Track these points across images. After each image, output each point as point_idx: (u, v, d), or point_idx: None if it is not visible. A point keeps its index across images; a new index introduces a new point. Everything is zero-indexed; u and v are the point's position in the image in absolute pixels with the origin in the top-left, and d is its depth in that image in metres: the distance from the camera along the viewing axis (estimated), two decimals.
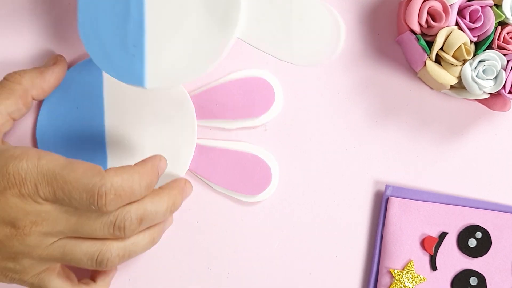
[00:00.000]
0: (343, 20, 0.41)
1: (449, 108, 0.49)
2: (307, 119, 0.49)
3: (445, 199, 0.49)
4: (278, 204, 0.49)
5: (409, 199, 0.48)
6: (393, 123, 0.49)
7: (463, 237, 0.48)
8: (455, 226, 0.48)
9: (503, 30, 0.44)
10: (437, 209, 0.48)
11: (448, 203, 0.49)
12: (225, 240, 0.48)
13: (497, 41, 0.44)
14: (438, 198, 0.49)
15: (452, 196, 0.49)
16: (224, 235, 0.48)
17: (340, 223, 0.49)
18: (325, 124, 0.49)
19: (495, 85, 0.44)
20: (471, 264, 0.48)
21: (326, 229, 0.49)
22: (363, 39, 0.49)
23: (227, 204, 0.48)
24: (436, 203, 0.48)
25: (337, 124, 0.49)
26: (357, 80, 0.49)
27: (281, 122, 0.49)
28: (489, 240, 0.48)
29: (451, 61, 0.44)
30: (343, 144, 0.49)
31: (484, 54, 0.44)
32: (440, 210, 0.48)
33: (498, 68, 0.44)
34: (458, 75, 0.45)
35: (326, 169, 0.49)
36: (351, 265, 0.49)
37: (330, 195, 0.49)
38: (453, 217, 0.48)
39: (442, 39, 0.44)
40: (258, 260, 0.48)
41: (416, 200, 0.48)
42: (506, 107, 0.45)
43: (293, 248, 0.49)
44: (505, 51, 0.44)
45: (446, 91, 0.47)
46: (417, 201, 0.48)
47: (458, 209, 0.48)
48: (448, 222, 0.48)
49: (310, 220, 0.49)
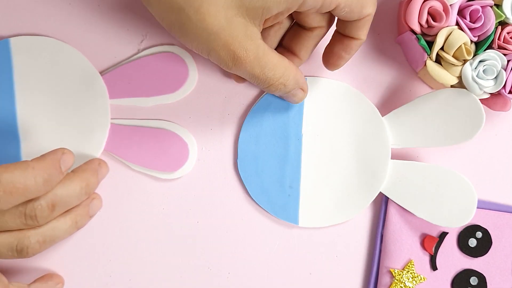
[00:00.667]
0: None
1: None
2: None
3: None
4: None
5: None
6: None
7: (463, 237, 0.48)
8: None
9: (503, 30, 0.44)
10: None
11: None
12: (225, 240, 0.48)
13: (497, 41, 0.44)
14: None
15: None
16: (222, 235, 0.48)
17: (339, 224, 0.49)
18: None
19: (496, 85, 0.44)
20: (472, 264, 0.48)
21: (326, 231, 0.49)
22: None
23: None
24: None
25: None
26: (357, 80, 0.49)
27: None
28: (490, 240, 0.48)
29: (451, 61, 0.44)
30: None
31: (485, 54, 0.44)
32: None
33: (499, 68, 0.44)
34: (459, 75, 0.45)
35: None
36: (351, 265, 0.49)
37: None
38: None
39: (443, 39, 0.44)
40: (258, 260, 0.48)
41: None
42: (507, 107, 0.45)
43: (293, 248, 0.49)
44: (506, 51, 0.44)
45: None
46: None
47: None
48: None
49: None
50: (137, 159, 0.47)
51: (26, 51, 0.47)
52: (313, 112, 0.48)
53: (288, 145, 0.47)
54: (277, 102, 0.47)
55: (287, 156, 0.47)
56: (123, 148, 0.47)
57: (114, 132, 0.48)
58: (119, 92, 0.48)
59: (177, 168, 0.48)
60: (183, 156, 0.48)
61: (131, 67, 0.48)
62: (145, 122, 0.48)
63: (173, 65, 0.48)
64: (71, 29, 0.48)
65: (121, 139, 0.48)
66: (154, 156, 0.47)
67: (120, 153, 0.48)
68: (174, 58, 0.48)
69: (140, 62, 0.48)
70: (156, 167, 0.47)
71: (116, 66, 0.48)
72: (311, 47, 0.45)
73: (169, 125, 0.48)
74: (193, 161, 0.48)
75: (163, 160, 0.47)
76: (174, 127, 0.48)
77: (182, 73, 0.48)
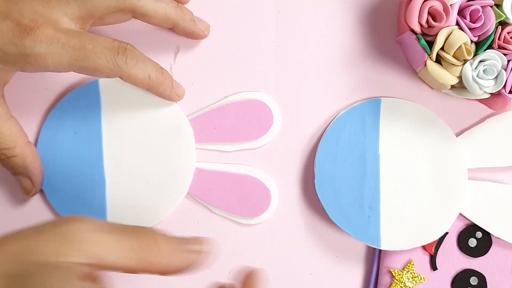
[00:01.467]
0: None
1: (450, 108, 0.49)
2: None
3: None
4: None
5: None
6: None
7: (463, 237, 0.48)
8: (455, 225, 0.48)
9: (503, 30, 0.44)
10: None
11: None
12: (225, 240, 0.48)
13: (497, 41, 0.44)
14: None
15: None
16: (222, 234, 0.49)
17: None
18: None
19: (496, 85, 0.44)
20: (472, 264, 0.48)
21: (326, 233, 0.49)
22: (363, 39, 0.49)
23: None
24: None
25: None
26: (357, 80, 0.49)
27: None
28: (490, 239, 0.48)
29: (451, 61, 0.44)
30: None
31: (485, 54, 0.44)
32: None
33: (499, 68, 0.44)
34: (459, 75, 0.45)
35: None
36: (351, 265, 0.49)
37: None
38: None
39: (443, 39, 0.44)
40: (258, 260, 0.48)
41: None
42: (507, 107, 0.45)
43: (293, 248, 0.49)
44: (506, 51, 0.44)
45: (447, 91, 0.47)
46: None
47: None
48: None
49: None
50: (219, 203, 0.48)
51: (113, 91, 0.47)
52: (389, 132, 0.48)
53: (365, 165, 0.47)
54: (352, 122, 0.48)
55: (364, 176, 0.47)
56: (206, 192, 0.48)
57: (199, 176, 0.48)
58: (204, 137, 0.48)
59: (259, 213, 0.48)
60: (265, 202, 0.48)
61: (216, 112, 0.48)
62: (228, 166, 0.48)
63: (259, 111, 0.48)
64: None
65: (205, 183, 0.48)
66: (236, 201, 0.48)
67: (202, 196, 0.48)
68: (260, 104, 0.48)
69: (226, 108, 0.48)
70: (237, 212, 0.48)
71: (201, 110, 0.48)
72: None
73: (251, 170, 0.48)
74: (274, 207, 0.48)
75: (245, 205, 0.48)
76: (257, 173, 0.48)
77: (267, 120, 0.48)
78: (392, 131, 0.48)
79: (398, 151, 0.48)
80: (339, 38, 0.49)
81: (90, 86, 0.48)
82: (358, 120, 0.48)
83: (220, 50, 0.49)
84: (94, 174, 0.47)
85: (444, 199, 0.47)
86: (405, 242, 0.47)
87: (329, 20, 0.49)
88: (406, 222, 0.47)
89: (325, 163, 0.48)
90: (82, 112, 0.48)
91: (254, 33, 0.49)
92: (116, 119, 0.48)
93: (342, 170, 0.47)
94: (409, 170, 0.47)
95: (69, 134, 0.48)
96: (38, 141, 0.48)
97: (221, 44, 0.49)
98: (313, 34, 0.49)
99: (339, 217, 0.47)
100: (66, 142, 0.48)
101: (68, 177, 0.47)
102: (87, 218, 0.35)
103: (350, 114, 0.48)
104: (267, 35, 0.49)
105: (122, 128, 0.48)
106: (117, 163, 0.48)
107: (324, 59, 0.49)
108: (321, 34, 0.49)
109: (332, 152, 0.48)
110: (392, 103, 0.48)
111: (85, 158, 0.47)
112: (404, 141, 0.48)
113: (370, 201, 0.47)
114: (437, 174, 0.47)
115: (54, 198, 0.48)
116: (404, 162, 0.48)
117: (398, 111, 0.48)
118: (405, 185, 0.47)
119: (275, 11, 0.49)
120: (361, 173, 0.47)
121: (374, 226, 0.47)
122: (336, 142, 0.48)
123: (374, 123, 0.48)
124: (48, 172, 0.47)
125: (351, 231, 0.47)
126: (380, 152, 0.48)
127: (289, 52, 0.49)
